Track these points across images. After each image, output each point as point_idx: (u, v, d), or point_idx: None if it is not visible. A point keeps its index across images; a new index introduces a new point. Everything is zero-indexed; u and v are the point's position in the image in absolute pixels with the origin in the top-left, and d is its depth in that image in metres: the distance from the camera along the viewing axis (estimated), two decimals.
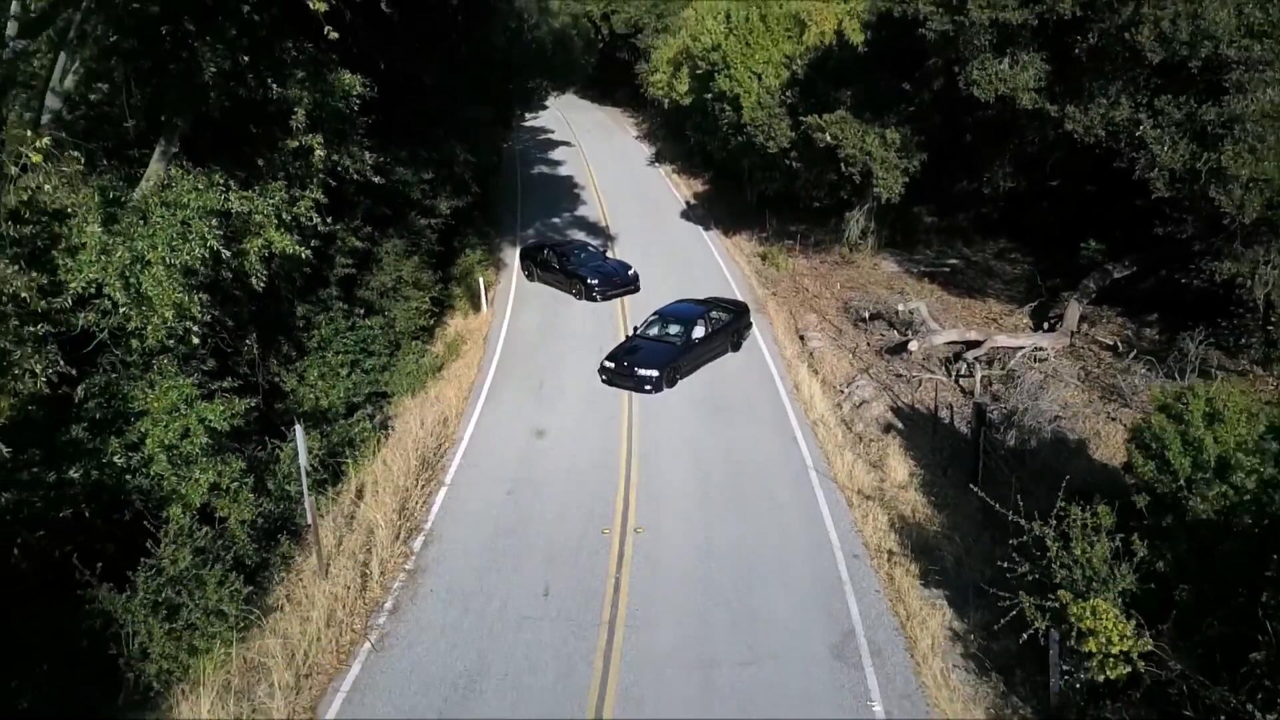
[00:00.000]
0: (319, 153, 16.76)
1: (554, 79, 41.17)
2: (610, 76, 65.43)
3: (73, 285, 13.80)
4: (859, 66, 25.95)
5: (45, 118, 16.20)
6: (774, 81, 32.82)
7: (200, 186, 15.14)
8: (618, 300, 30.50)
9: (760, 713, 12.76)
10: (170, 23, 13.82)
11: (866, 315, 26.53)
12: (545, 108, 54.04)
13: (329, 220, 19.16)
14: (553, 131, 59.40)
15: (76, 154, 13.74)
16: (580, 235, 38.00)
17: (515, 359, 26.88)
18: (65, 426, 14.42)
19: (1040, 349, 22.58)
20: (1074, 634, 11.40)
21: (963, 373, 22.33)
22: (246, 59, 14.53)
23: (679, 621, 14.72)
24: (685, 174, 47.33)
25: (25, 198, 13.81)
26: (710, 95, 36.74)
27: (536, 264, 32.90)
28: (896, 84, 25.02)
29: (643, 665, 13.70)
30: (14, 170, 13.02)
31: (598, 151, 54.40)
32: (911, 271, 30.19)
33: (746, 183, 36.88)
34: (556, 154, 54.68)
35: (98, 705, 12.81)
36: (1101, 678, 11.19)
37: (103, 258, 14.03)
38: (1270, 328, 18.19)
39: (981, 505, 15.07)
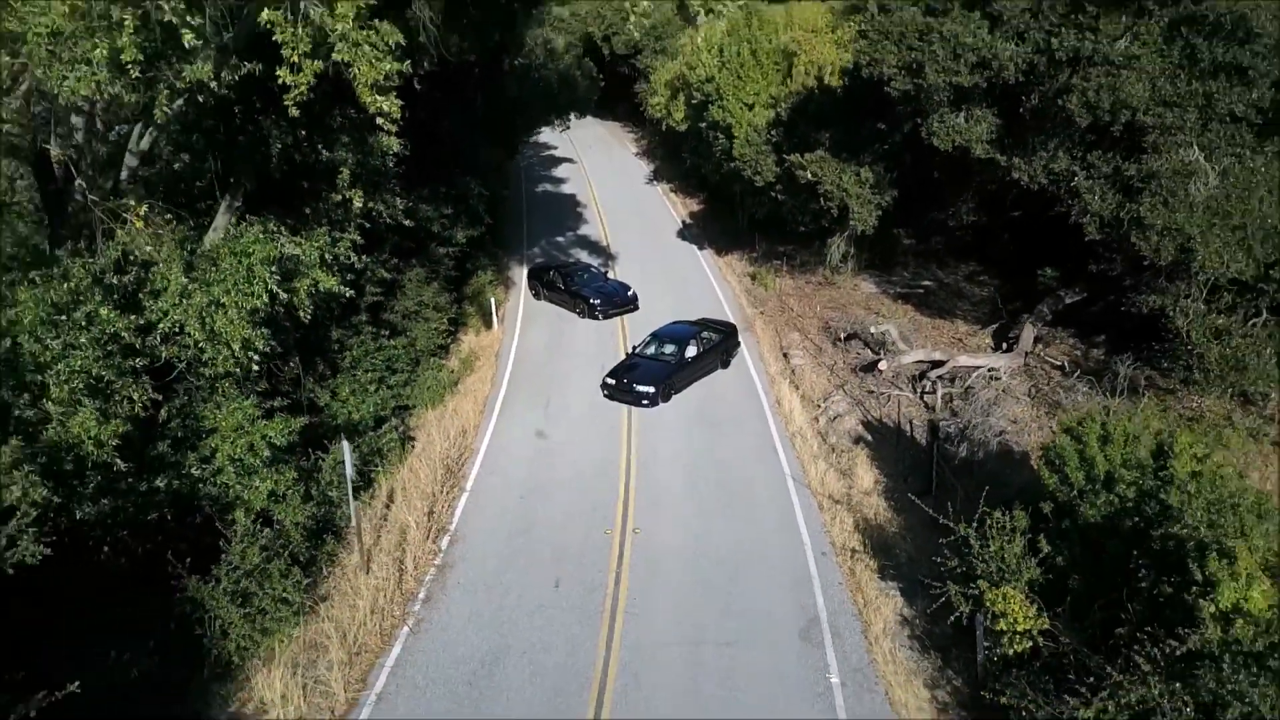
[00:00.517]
0: (358, 204, 19.35)
1: (560, 114, 43.88)
2: (611, 92, 67.92)
3: (161, 326, 16.41)
4: (836, 110, 28.53)
5: (124, 174, 18.89)
6: (761, 121, 35.42)
7: (261, 237, 17.77)
8: (618, 318, 33.13)
9: (738, 683, 15.38)
10: (243, 104, 16.40)
11: (844, 335, 29.17)
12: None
13: (363, 257, 21.85)
14: (556, 147, 61.98)
15: (164, 215, 16.37)
16: (583, 254, 40.64)
17: (525, 374, 29.50)
18: (153, 443, 17.02)
19: (995, 368, 25.21)
20: (989, 616, 14.03)
21: (927, 390, 24.96)
22: (304, 131, 17.13)
23: (671, 609, 17.35)
24: (681, 193, 49.94)
25: (122, 251, 16.50)
26: (704, 124, 39.34)
27: (543, 284, 35.52)
28: (871, 126, 27.64)
29: (639, 646, 16.31)
30: (119, 231, 15.66)
31: (599, 168, 57.04)
32: (888, 293, 32.83)
33: (738, 205, 39.48)
34: (560, 170, 57.32)
35: (187, 677, 15.43)
36: (1010, 651, 13.82)
37: (183, 301, 16.65)
38: (1190, 353, 20.75)
39: (934, 508, 17.72)
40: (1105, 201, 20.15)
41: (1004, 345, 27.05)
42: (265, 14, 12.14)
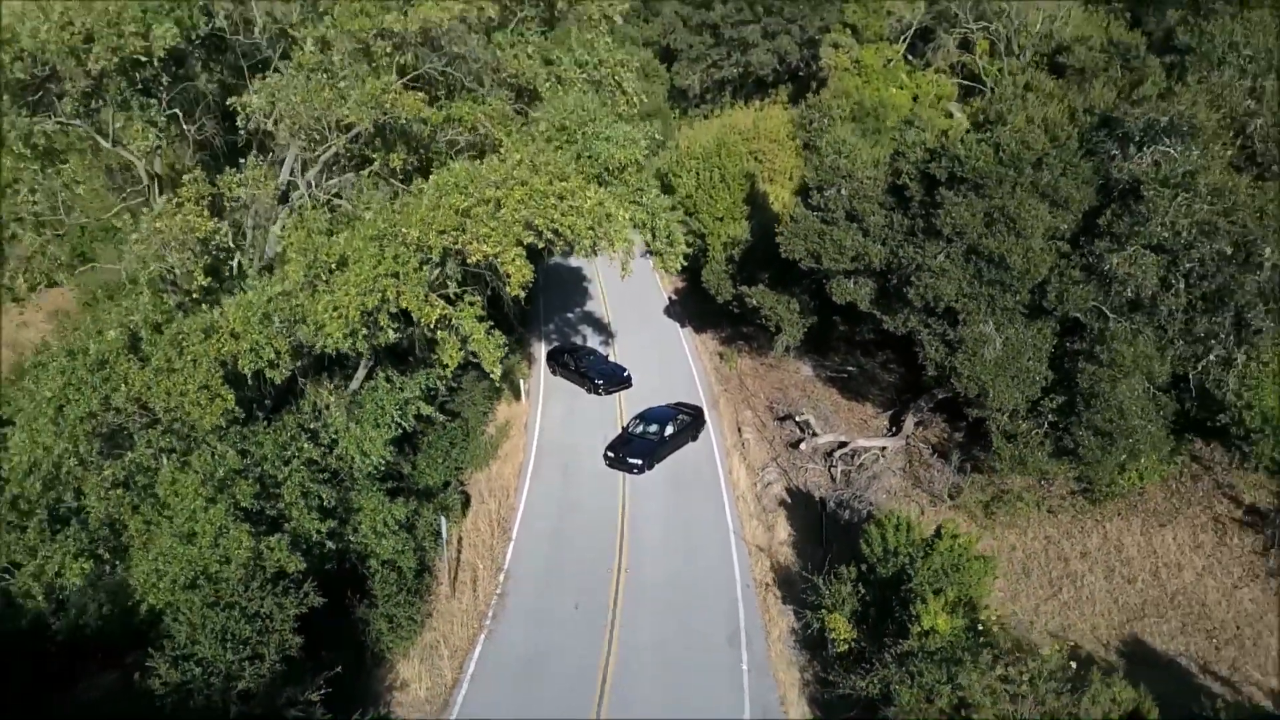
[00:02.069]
0: (455, 361, 29.58)
1: None
2: None
3: (336, 451, 26.83)
4: (774, 259, 38.51)
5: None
6: (728, 232, 45.75)
7: (388, 386, 28.18)
8: (617, 394, 43.51)
9: (688, 668, 25.81)
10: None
11: (781, 415, 39.58)
12: None
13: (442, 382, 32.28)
14: None
15: (334, 381, 26.78)
16: (589, 329, 50.95)
17: (548, 441, 39.87)
18: (325, 519, 27.42)
19: (884, 448, 35.63)
20: (828, 630, 24.51)
21: (833, 464, 35.38)
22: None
23: (648, 623, 27.78)
24: (669, 270, 60.13)
25: (312, 405, 26.94)
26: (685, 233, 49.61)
27: (559, 364, 45.93)
28: (797, 273, 37.74)
29: (628, 646, 26.76)
30: (310, 393, 26.06)
31: None
32: (820, 376, 43.21)
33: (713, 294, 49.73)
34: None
35: (357, 663, 25.86)
36: (838, 650, 24.28)
37: (347, 434, 27.05)
38: (1003, 446, 30.99)
39: (823, 556, 28.13)
40: (937, 352, 30.55)
41: (894, 428, 37.45)
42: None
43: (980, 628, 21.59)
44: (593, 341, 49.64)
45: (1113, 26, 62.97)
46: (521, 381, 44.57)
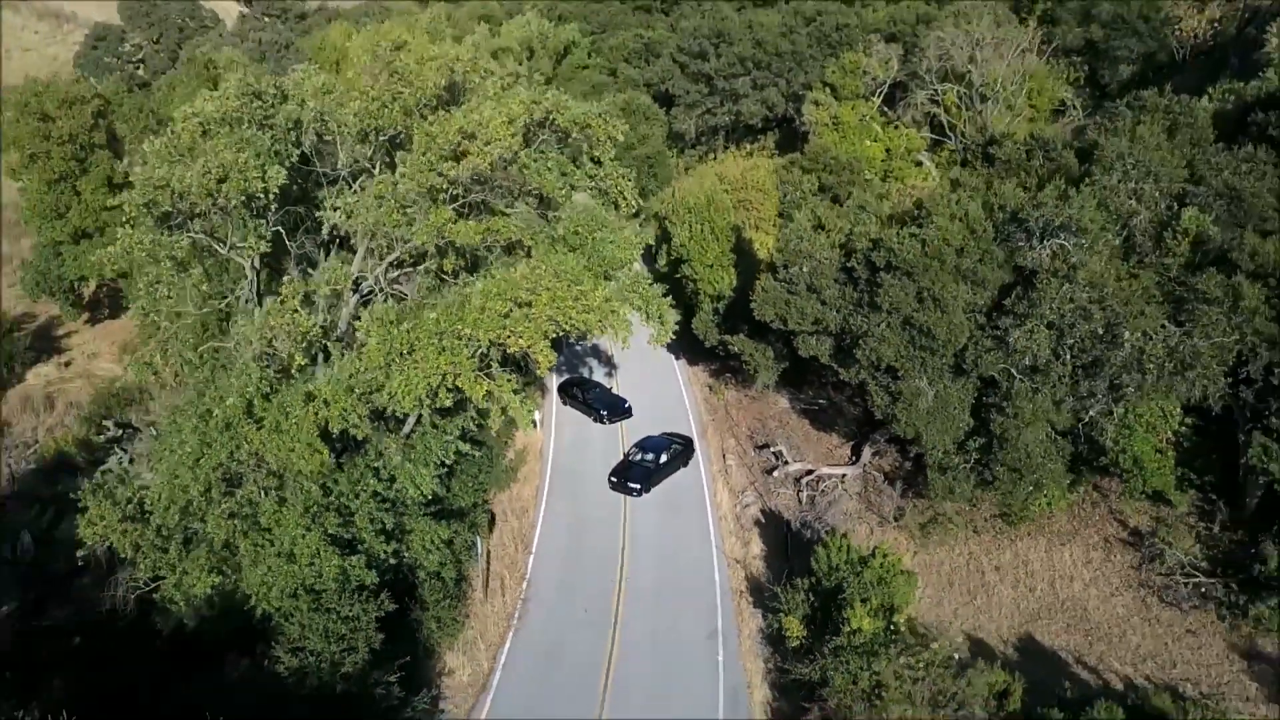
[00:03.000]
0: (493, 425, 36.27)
1: None
2: None
3: (394, 485, 33.51)
4: (751, 310, 45.18)
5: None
6: (716, 280, 52.46)
7: (435, 431, 34.85)
8: (619, 423, 50.24)
9: (674, 660, 32.61)
10: None
11: (759, 445, 46.33)
12: None
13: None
14: None
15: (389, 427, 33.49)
16: (595, 362, 57.69)
17: (561, 465, 46.64)
18: (389, 541, 34.11)
19: (844, 475, 42.38)
20: (785, 629, 31.29)
21: (800, 489, 42.14)
22: None
23: (644, 623, 34.58)
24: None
25: (375, 449, 33.64)
26: (679, 275, 56.40)
27: (568, 395, 52.69)
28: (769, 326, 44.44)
29: (628, 643, 33.57)
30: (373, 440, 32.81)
31: None
32: (795, 408, 49.89)
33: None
34: None
35: (413, 654, 32.63)
36: (792, 646, 31.07)
37: (403, 471, 33.72)
38: (937, 478, 37.64)
39: (787, 569, 34.90)
40: (883, 400, 37.26)
41: (854, 457, 44.17)
42: None
43: (894, 628, 28.39)
44: (598, 374, 56.37)
45: (1070, 75, 69.96)
46: (537, 412, 51.31)
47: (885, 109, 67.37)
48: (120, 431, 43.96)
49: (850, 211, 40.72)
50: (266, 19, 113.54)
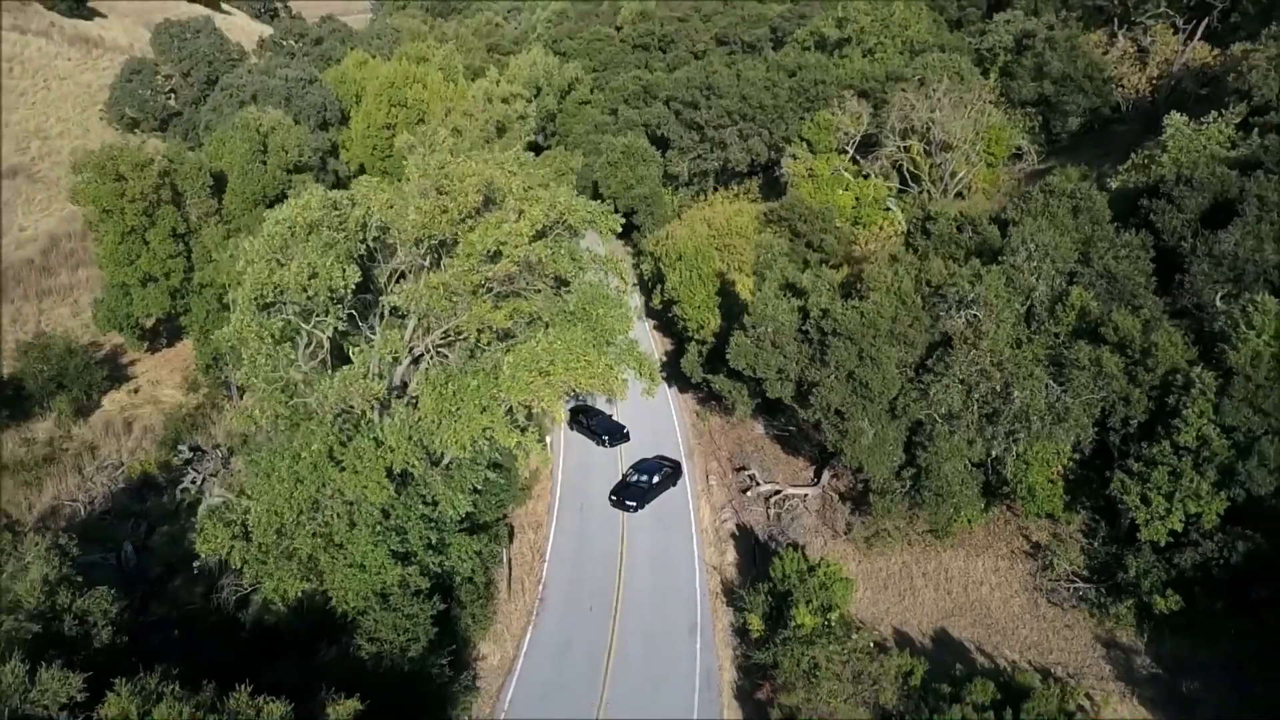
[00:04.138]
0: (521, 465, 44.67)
1: None
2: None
3: (437, 508, 41.85)
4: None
5: None
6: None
7: (469, 461, 43.23)
8: (619, 446, 58.58)
9: (663, 649, 41.04)
10: None
11: (737, 467, 54.67)
12: None
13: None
14: None
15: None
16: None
17: (569, 483, 55.00)
18: (435, 554, 42.52)
19: (806, 494, 50.73)
20: (748, 624, 39.68)
21: (769, 506, 50.48)
22: None
23: (638, 618, 43.00)
24: (662, 331, 75.12)
25: (424, 480, 42.09)
26: (671, 315, 64.77)
27: (576, 421, 61.05)
28: None
29: (624, 634, 42.00)
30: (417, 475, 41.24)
31: None
32: (769, 434, 58.18)
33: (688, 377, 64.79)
34: None
35: (452, 644, 41.00)
36: (755, 637, 39.46)
37: (444, 497, 42.12)
38: (878, 500, 45.95)
39: (754, 575, 43.27)
40: (833, 436, 45.61)
41: (816, 479, 52.51)
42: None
43: (829, 623, 36.80)
44: (600, 402, 64.70)
45: (1025, 124, 78.07)
46: (548, 436, 59.64)
47: (858, 158, 75.61)
48: (192, 454, 52.67)
49: (809, 277, 48.95)
50: (284, 43, 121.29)
